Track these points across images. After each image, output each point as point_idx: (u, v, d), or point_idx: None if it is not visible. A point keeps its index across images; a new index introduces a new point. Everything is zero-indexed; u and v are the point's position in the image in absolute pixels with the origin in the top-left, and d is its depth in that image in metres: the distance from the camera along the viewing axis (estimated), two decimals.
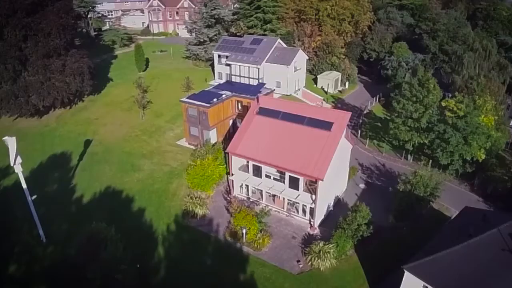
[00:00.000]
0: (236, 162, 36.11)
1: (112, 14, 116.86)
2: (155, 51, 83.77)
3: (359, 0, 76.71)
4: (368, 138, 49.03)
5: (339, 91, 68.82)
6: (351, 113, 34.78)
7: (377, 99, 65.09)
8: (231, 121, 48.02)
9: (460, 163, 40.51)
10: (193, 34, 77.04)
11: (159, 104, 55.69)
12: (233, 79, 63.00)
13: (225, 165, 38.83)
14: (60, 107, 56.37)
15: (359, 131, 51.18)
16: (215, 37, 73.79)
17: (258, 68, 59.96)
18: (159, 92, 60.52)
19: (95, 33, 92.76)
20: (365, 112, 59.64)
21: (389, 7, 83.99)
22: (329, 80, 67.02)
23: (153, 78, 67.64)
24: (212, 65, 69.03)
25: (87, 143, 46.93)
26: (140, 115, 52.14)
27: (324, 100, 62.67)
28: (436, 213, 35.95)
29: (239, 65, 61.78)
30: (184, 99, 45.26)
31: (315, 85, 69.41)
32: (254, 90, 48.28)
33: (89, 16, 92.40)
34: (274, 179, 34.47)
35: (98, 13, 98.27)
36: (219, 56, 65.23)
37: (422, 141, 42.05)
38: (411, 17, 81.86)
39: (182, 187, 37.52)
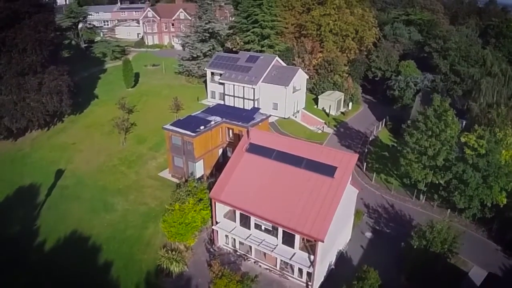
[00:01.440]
0: (220, 209, 30.82)
1: (108, 24, 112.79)
2: (146, 65, 78.93)
3: (363, 15, 71.74)
4: (374, 172, 43.65)
5: (342, 113, 63.63)
6: (357, 155, 29.61)
7: (384, 123, 59.83)
8: (220, 150, 42.99)
9: (479, 207, 35.39)
10: (186, 48, 72.17)
11: (143, 127, 50.58)
12: (227, 99, 58.04)
13: (210, 208, 33.46)
14: (37, 128, 51.79)
15: (365, 163, 45.76)
16: (209, 52, 68.97)
17: (254, 89, 54.97)
18: (146, 112, 55.59)
19: (86, 44, 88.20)
20: (370, 138, 54.26)
21: (396, 23, 79.20)
22: (331, 101, 61.89)
23: (142, 95, 62.92)
24: (206, 82, 64.14)
25: (59, 173, 41.88)
26: (120, 141, 46.98)
27: (325, 123, 57.51)
28: (452, 268, 30.61)
29: (233, 85, 56.82)
30: (167, 126, 40.08)
31: (315, 106, 64.29)
32: (248, 116, 43.29)
33: (79, 27, 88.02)
34: (266, 230, 29.16)
35: (90, 23, 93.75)
36: (212, 73, 60.36)
37: (437, 181, 36.74)
38: (419, 34, 76.92)
39: (158, 235, 32.10)
